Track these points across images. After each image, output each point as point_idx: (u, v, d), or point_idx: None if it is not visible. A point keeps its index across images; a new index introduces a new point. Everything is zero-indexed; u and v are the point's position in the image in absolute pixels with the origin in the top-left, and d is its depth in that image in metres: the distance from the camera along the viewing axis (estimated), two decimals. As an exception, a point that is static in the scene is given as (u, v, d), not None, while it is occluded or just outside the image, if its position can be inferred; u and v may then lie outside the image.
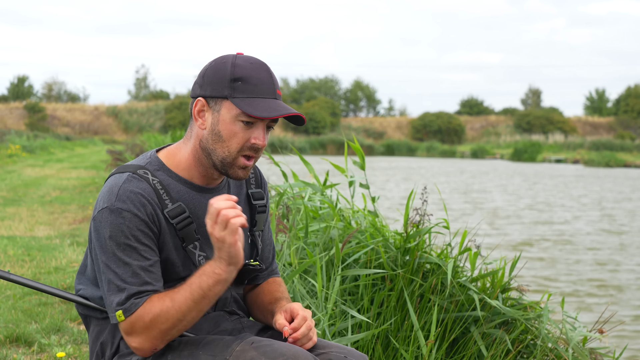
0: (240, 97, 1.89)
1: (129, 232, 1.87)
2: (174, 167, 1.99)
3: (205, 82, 1.94)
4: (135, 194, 1.89)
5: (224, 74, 1.91)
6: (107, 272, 1.88)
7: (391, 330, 3.44)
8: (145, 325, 1.85)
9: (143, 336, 1.86)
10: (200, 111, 1.95)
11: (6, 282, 5.64)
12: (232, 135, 1.92)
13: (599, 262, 10.01)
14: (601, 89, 77.95)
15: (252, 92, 1.90)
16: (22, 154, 26.32)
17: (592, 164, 41.64)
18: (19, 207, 10.90)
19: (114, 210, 1.88)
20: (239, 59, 1.93)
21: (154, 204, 1.91)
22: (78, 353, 3.89)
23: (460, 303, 3.49)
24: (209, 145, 1.95)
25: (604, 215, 15.73)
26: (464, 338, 3.51)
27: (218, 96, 1.91)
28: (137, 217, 1.88)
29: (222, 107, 1.92)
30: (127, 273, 1.86)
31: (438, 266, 3.52)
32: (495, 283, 3.54)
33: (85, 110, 62.34)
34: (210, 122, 1.93)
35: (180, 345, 1.92)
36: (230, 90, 1.90)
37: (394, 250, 3.52)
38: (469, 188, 22.16)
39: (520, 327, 3.43)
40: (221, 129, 1.92)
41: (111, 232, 1.87)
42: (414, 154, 55.67)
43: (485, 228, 12.89)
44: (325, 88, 76.70)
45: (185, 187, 1.98)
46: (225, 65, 1.93)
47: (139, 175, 1.93)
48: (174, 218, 1.93)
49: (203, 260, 1.98)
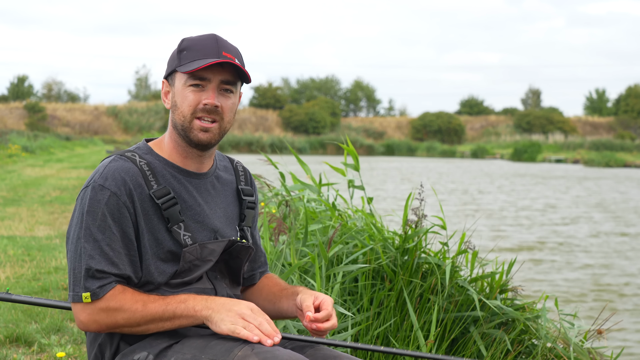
0: (184, 64, 1.98)
1: (107, 209, 1.91)
2: (160, 152, 2.05)
3: (168, 65, 2.06)
4: (119, 173, 1.94)
5: (174, 51, 2.03)
6: (77, 245, 1.91)
7: (391, 330, 3.45)
8: (107, 310, 1.89)
9: (98, 316, 1.90)
10: (165, 93, 2.06)
11: (6, 282, 5.64)
12: (184, 100, 1.99)
13: (598, 264, 10.02)
14: (601, 89, 77.96)
15: (195, 57, 1.97)
16: (22, 154, 26.32)
17: (592, 164, 41.64)
18: (19, 207, 10.91)
19: (95, 187, 1.93)
20: (190, 37, 2.05)
21: (137, 184, 1.95)
22: (78, 353, 3.90)
23: (460, 303, 3.49)
24: (173, 119, 2.03)
25: (608, 217, 15.73)
26: (464, 338, 3.52)
27: (171, 72, 2.03)
28: (116, 196, 1.91)
29: (175, 79, 2.02)
30: (96, 250, 1.89)
31: (437, 266, 3.52)
32: (494, 284, 3.55)
33: (85, 110, 62.32)
34: (171, 97, 2.04)
35: (184, 348, 1.91)
36: (177, 61, 2.00)
37: (393, 251, 3.53)
38: (468, 189, 22.16)
39: (520, 327, 3.43)
40: (177, 99, 2.01)
41: (89, 208, 1.91)
42: (414, 154, 55.67)
43: (483, 229, 12.90)
44: (326, 88, 76.69)
45: (172, 170, 2.03)
46: (178, 45, 2.04)
47: (126, 156, 1.99)
48: (159, 198, 1.96)
49: (189, 239, 1.99)
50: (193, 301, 1.89)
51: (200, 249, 1.99)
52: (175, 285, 1.99)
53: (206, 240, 2.02)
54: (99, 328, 1.91)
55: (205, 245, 2.00)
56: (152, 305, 1.89)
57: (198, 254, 2.00)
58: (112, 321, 1.90)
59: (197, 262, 2.01)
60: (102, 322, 1.90)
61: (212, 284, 2.05)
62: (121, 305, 1.89)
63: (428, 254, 3.56)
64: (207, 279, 2.05)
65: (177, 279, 1.99)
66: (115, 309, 1.89)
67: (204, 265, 2.02)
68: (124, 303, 1.89)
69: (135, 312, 1.89)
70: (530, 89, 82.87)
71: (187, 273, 1.99)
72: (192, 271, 2.00)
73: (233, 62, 1.96)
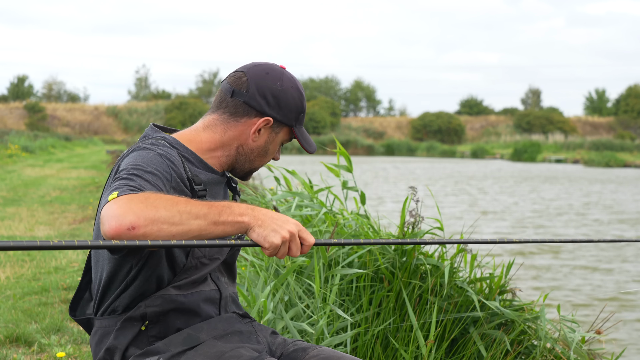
0: (298, 128, 2.07)
1: (160, 167, 1.86)
2: (193, 149, 2.03)
3: (278, 106, 2.02)
4: (166, 151, 1.92)
5: (297, 105, 2.04)
6: (120, 180, 1.79)
7: (390, 330, 3.45)
8: (147, 199, 1.68)
9: (136, 206, 1.65)
10: (261, 128, 2.03)
11: (6, 282, 5.64)
12: (272, 153, 2.09)
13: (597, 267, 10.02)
14: (601, 89, 77.98)
15: (302, 122, 2.09)
16: (22, 154, 26.32)
17: (592, 164, 41.65)
18: (19, 207, 10.91)
19: (151, 149, 1.89)
20: (299, 86, 2.06)
21: (179, 163, 1.93)
22: (78, 353, 3.90)
23: (459, 304, 3.50)
24: (251, 156, 2.06)
25: (613, 219, 15.73)
26: (463, 339, 3.52)
27: (286, 123, 2.03)
28: (162, 157, 1.88)
29: (282, 131, 2.05)
30: (136, 177, 1.80)
31: (436, 268, 3.53)
32: (493, 285, 3.55)
33: (85, 110, 62.33)
34: (265, 140, 2.05)
35: (197, 357, 1.89)
36: (296, 121, 2.05)
37: (391, 252, 3.53)
38: (468, 190, 22.17)
39: (519, 327, 3.44)
40: (270, 148, 2.07)
41: (134, 160, 1.85)
42: (414, 154, 55.68)
43: (483, 230, 12.90)
44: (326, 88, 76.70)
45: (201, 165, 2.02)
46: (295, 93, 2.03)
47: (159, 143, 1.95)
48: (197, 185, 1.95)
49: None
50: (238, 207, 1.78)
51: None
52: (183, 287, 1.96)
53: None
54: (136, 220, 1.63)
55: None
56: (195, 202, 1.73)
57: (206, 251, 1.99)
58: (152, 210, 1.65)
59: (205, 260, 1.99)
60: (140, 212, 1.64)
61: (216, 285, 2.05)
62: (159, 197, 1.70)
63: (426, 255, 3.56)
64: (211, 280, 2.04)
65: (184, 278, 1.96)
66: (156, 198, 1.69)
67: (211, 263, 2.01)
68: (160, 196, 1.71)
69: (179, 202, 1.70)
70: (530, 89, 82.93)
71: (193, 270, 1.97)
72: (198, 269, 1.98)
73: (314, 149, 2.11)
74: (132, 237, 1.63)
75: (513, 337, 3.47)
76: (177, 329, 1.96)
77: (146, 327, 1.94)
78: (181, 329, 1.96)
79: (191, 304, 1.97)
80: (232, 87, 2.01)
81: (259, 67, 2.03)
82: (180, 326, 1.96)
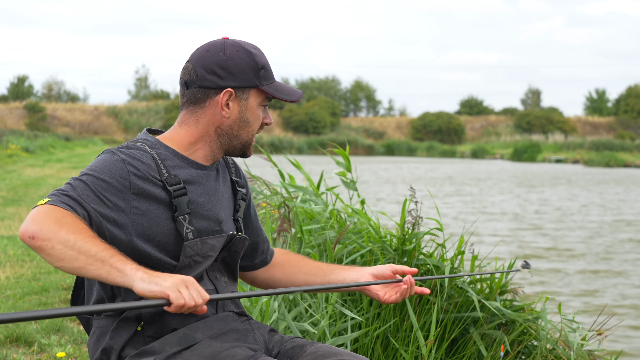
0: (266, 84, 2.03)
1: (118, 174, 1.88)
2: (174, 146, 2.03)
3: (230, 73, 2.00)
4: (135, 154, 1.93)
5: (249, 64, 2.01)
6: (67, 183, 1.86)
7: (390, 330, 3.45)
8: (57, 217, 1.75)
9: (44, 218, 1.74)
10: (227, 102, 2.02)
11: (6, 282, 5.64)
12: (256, 119, 2.06)
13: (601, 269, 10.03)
14: (601, 89, 77.98)
15: (271, 78, 2.05)
16: (22, 154, 26.32)
17: (592, 164, 41.65)
18: (19, 207, 10.91)
19: (115, 154, 1.91)
20: (246, 45, 2.05)
21: (150, 167, 1.93)
22: (78, 353, 3.90)
23: (459, 304, 3.49)
24: (233, 132, 2.04)
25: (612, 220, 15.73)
26: (463, 339, 3.52)
27: (247, 86, 2.01)
28: (124, 163, 1.89)
29: (250, 95, 2.03)
30: (80, 185, 1.84)
31: (437, 268, 3.52)
32: (494, 285, 3.55)
33: (85, 110, 62.34)
34: (238, 111, 2.02)
35: (192, 357, 1.89)
36: (258, 79, 2.02)
37: (392, 252, 3.53)
38: (468, 190, 22.16)
39: (520, 328, 3.43)
40: (249, 115, 2.04)
41: (99, 168, 1.88)
42: (414, 154, 55.69)
43: (486, 232, 12.90)
44: (326, 88, 76.72)
45: (182, 161, 2.02)
46: (242, 54, 2.01)
47: (136, 146, 1.97)
48: (171, 185, 1.94)
49: (190, 234, 1.97)
50: (133, 263, 1.77)
51: (200, 244, 1.98)
52: None
53: (210, 231, 2.02)
54: (38, 232, 1.72)
55: (205, 240, 1.99)
56: (96, 240, 1.76)
57: (198, 249, 1.98)
58: (56, 228, 1.73)
59: (198, 258, 1.98)
60: (45, 226, 1.73)
61: (213, 284, 2.04)
62: (73, 222, 1.76)
63: (427, 255, 3.56)
64: (207, 280, 2.03)
65: None
66: (69, 221, 1.75)
67: (205, 261, 2.00)
68: (76, 221, 1.77)
69: (85, 234, 1.75)
70: (530, 88, 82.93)
71: (187, 270, 1.96)
72: (192, 268, 1.97)
73: (300, 97, 2.08)
74: (31, 245, 1.74)
75: (513, 338, 3.46)
76: (172, 328, 1.95)
77: (142, 328, 1.94)
78: (177, 329, 1.95)
79: None
80: (184, 79, 2.04)
81: (200, 50, 2.05)
82: (176, 326, 1.95)
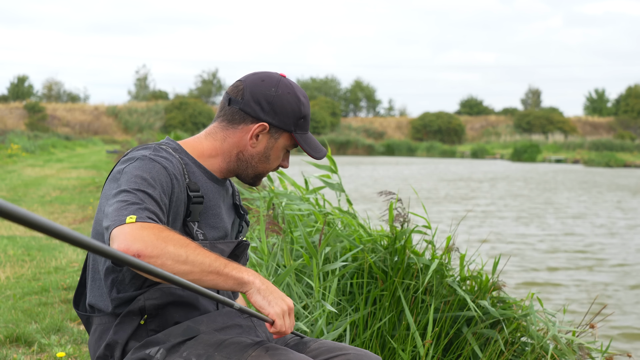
0: (300, 133, 2.10)
1: (157, 176, 1.88)
2: (194, 155, 2.08)
3: (273, 111, 2.06)
4: (169, 157, 1.97)
5: (293, 110, 2.07)
6: (123, 195, 1.81)
7: (387, 330, 3.47)
8: (158, 232, 1.72)
9: (147, 234, 1.69)
10: (258, 133, 2.07)
11: (6, 282, 5.67)
12: (276, 159, 2.12)
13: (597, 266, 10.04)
14: (601, 89, 77.96)
15: (306, 129, 2.12)
16: (22, 154, 26.34)
17: (592, 164, 41.65)
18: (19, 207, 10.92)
19: (152, 158, 1.92)
20: (298, 92, 2.09)
21: (179, 170, 1.97)
22: (78, 353, 3.92)
23: (451, 304, 3.52)
24: (253, 162, 2.10)
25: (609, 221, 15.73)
26: (458, 339, 3.54)
27: (283, 128, 2.07)
28: (167, 170, 1.91)
29: (281, 137, 2.09)
30: (147, 198, 1.82)
31: (427, 267, 3.54)
32: (482, 284, 3.56)
33: (85, 110, 62.34)
34: (265, 146, 2.08)
35: (197, 345, 1.91)
36: (295, 126, 2.08)
37: (382, 251, 3.56)
38: (464, 192, 22.15)
39: (513, 325, 3.46)
40: (272, 153, 2.10)
41: (141, 172, 1.87)
42: (414, 154, 55.68)
43: (479, 232, 12.91)
44: (326, 88, 76.71)
45: (200, 170, 2.07)
46: (291, 98, 2.07)
47: (164, 149, 2.01)
48: (192, 191, 1.99)
49: (200, 235, 2.00)
50: (240, 265, 1.84)
51: (210, 247, 2.00)
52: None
53: (217, 239, 2.05)
54: (144, 249, 1.68)
55: (215, 244, 2.02)
56: (203, 250, 1.77)
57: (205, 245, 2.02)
58: (161, 244, 1.69)
59: None
60: (149, 242, 1.68)
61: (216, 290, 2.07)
62: (173, 235, 1.73)
63: (417, 253, 3.58)
64: None
65: None
66: (168, 234, 1.72)
67: None
68: (174, 234, 1.75)
69: (189, 244, 1.74)
70: (530, 89, 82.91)
71: None
72: None
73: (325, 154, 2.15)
74: None
75: (505, 336, 3.48)
76: (175, 322, 1.98)
77: (145, 321, 1.96)
78: (179, 322, 1.98)
79: (190, 297, 1.99)
80: (230, 95, 2.09)
81: (256, 75, 2.10)
82: (179, 319, 1.98)
